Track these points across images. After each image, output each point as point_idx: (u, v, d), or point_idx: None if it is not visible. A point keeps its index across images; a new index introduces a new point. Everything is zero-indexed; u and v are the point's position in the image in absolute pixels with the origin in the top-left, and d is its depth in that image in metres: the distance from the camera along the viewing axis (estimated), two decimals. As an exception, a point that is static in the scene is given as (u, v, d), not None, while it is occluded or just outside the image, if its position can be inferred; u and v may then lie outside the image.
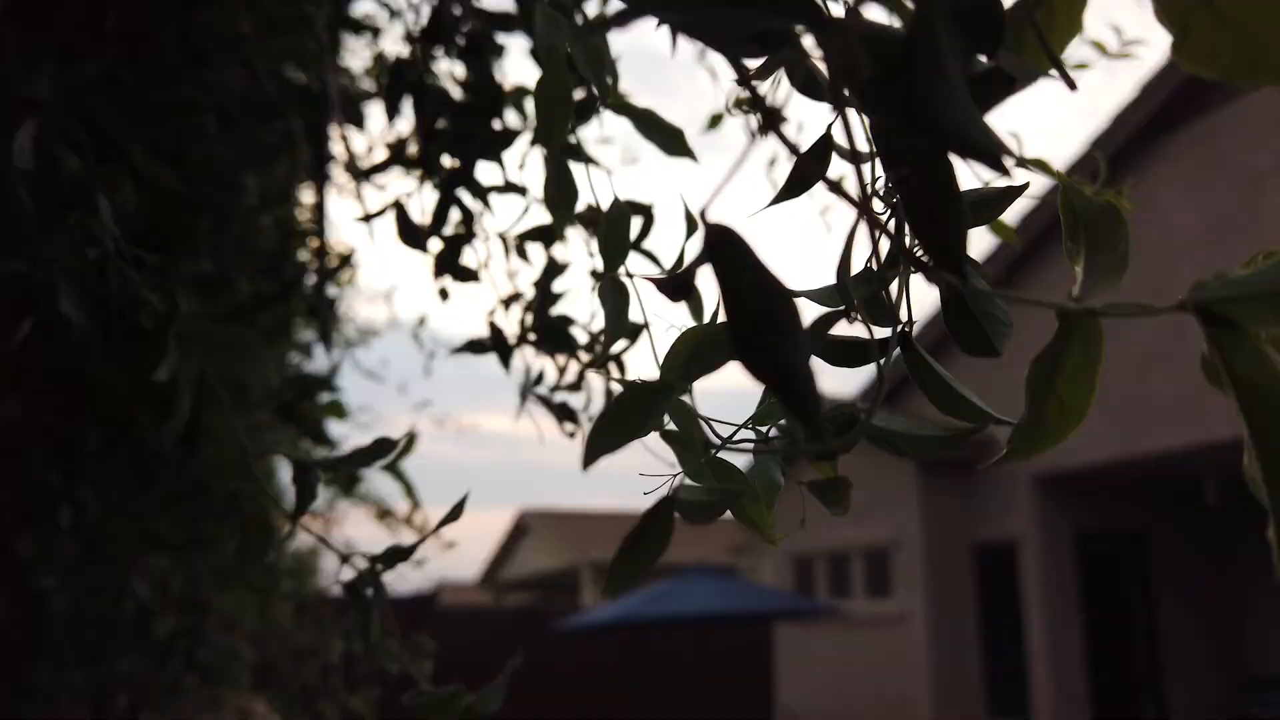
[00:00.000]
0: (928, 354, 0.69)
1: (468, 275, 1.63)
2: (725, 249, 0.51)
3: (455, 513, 1.28)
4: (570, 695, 18.88)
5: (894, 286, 0.70)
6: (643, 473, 0.70)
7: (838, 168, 0.80)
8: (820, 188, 0.70)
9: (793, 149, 0.52)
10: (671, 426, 0.90)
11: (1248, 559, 11.58)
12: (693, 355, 0.61)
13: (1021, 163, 1.33)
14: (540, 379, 1.78)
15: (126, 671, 2.29)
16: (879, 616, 12.53)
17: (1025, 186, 0.73)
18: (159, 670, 2.20)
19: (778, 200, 0.84)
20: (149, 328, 1.26)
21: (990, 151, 0.48)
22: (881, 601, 12.57)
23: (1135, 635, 11.54)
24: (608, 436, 0.55)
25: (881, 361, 0.65)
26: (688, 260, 0.57)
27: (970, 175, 0.83)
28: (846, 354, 0.69)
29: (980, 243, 13.05)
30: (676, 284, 0.55)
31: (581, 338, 1.69)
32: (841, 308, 0.62)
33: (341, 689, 4.45)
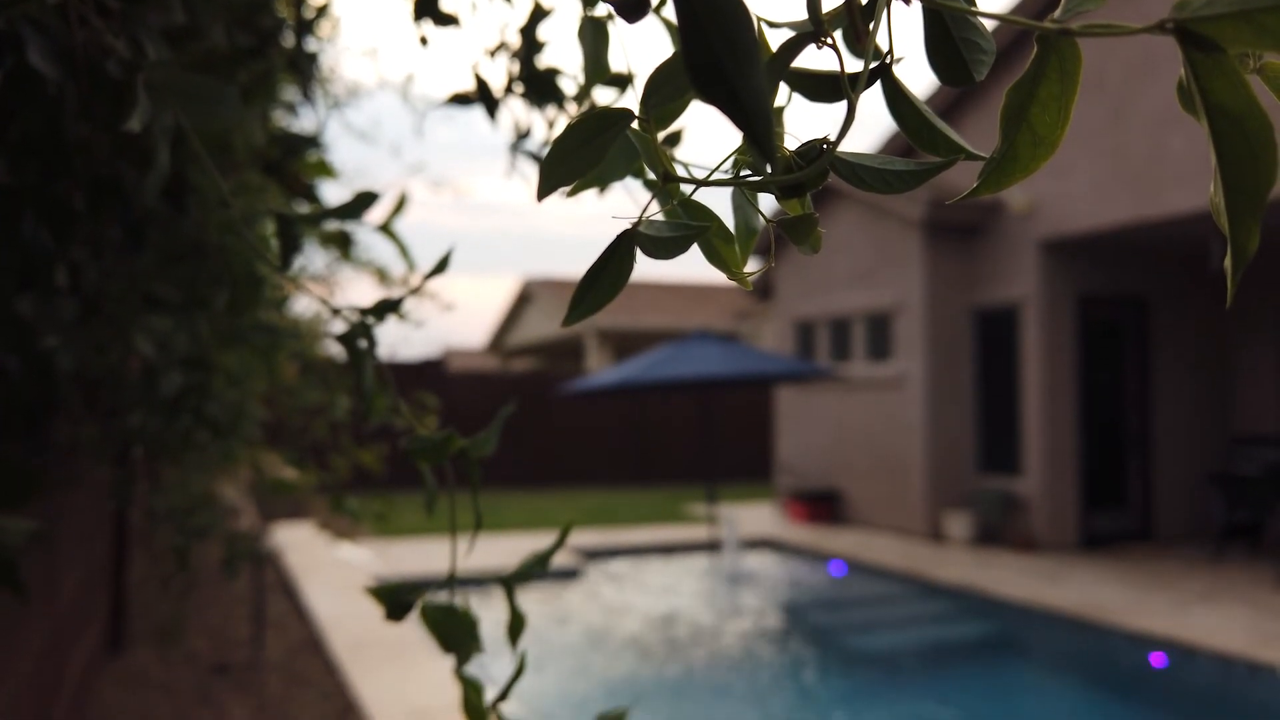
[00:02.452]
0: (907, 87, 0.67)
1: (448, 20, 1.57)
2: (679, -40, 0.48)
3: (441, 266, 1.29)
4: (576, 454, 19.62)
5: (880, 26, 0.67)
6: (616, 215, 0.69)
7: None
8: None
9: None
10: (653, 177, 0.88)
11: (1242, 323, 11.72)
12: (653, 84, 0.59)
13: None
14: (528, 134, 1.74)
15: (139, 426, 2.37)
16: (878, 379, 12.82)
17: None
18: (169, 424, 2.28)
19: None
20: (117, 77, 1.22)
21: None
22: (881, 364, 12.83)
23: (1129, 396, 11.83)
24: (560, 168, 0.54)
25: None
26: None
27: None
28: (819, 86, 0.67)
29: (999, -3, 12.47)
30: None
31: (570, 89, 1.64)
32: (810, 32, 0.60)
33: (350, 445, 4.63)
